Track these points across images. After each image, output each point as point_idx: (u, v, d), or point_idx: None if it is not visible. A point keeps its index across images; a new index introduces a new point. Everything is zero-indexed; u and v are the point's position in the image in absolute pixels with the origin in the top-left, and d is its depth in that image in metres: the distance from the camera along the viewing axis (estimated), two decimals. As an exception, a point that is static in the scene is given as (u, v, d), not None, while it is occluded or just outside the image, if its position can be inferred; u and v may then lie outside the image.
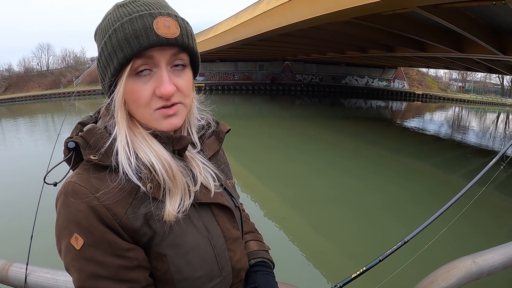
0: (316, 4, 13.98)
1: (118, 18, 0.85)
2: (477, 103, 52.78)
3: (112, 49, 0.84)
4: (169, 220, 0.84)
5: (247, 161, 13.24)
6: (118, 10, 0.87)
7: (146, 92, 0.86)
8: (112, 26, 0.85)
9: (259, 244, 1.21)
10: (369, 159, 15.07)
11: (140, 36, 0.82)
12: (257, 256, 1.16)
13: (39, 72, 55.35)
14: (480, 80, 64.21)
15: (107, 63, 0.86)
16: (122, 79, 0.85)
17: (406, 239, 1.86)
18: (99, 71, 0.92)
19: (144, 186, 0.84)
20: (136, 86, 0.86)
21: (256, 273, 1.10)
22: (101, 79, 0.92)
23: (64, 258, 0.82)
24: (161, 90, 0.85)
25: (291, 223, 8.21)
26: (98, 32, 0.90)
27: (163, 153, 0.88)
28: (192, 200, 0.90)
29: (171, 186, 0.86)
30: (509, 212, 9.42)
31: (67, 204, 0.80)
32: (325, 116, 29.90)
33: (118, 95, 0.87)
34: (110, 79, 0.86)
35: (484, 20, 14.48)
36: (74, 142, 0.86)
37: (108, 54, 0.85)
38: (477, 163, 15.90)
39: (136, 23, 0.83)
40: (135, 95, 0.87)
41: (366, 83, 55.23)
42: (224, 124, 1.13)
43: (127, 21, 0.84)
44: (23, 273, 1.67)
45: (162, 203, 0.85)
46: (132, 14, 0.84)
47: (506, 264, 1.70)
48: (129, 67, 0.84)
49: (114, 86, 0.88)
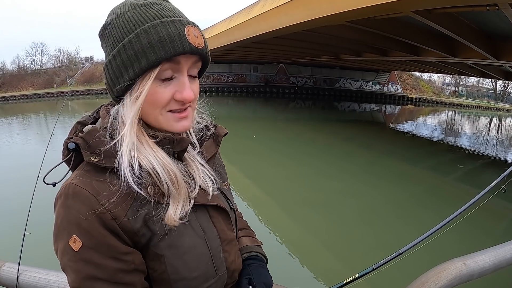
0: (310, 8, 14.03)
1: (144, 18, 0.85)
2: (470, 107, 53.21)
3: (141, 50, 0.84)
4: (170, 225, 0.86)
5: (241, 164, 13.23)
6: (140, 10, 0.87)
7: (166, 95, 0.88)
8: (138, 25, 0.85)
9: (251, 240, 1.24)
10: (362, 162, 15.11)
11: (174, 42, 0.84)
12: (249, 250, 1.19)
13: (33, 71, 54.96)
14: (473, 84, 64.75)
15: (130, 63, 0.85)
16: (148, 81, 0.86)
17: (401, 251, 1.87)
18: (112, 70, 0.88)
19: (145, 190, 0.85)
20: (158, 88, 0.87)
21: (249, 266, 1.13)
22: (113, 79, 0.89)
23: (61, 259, 0.82)
24: (184, 95, 0.89)
25: (283, 226, 8.20)
26: (113, 29, 0.88)
27: (169, 163, 0.88)
28: (191, 206, 0.91)
29: (175, 194, 0.87)
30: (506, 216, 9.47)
31: (67, 205, 0.80)
32: (319, 119, 30.00)
33: (139, 97, 0.86)
34: (132, 79, 0.85)
35: (477, 26, 14.57)
36: (75, 143, 0.86)
37: (134, 54, 0.84)
38: (469, 167, 16.05)
39: (170, 28, 0.85)
40: (155, 97, 0.88)
41: (360, 87, 55.40)
42: (222, 127, 1.14)
43: (159, 24, 0.85)
44: (15, 272, 1.66)
45: (161, 205, 0.86)
46: (162, 17, 0.86)
47: (497, 266, 1.72)
48: (157, 69, 0.85)
49: (127, 88, 0.87)
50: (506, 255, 1.78)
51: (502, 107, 54.04)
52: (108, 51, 0.89)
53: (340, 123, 27.96)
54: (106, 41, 0.90)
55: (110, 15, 0.90)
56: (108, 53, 0.89)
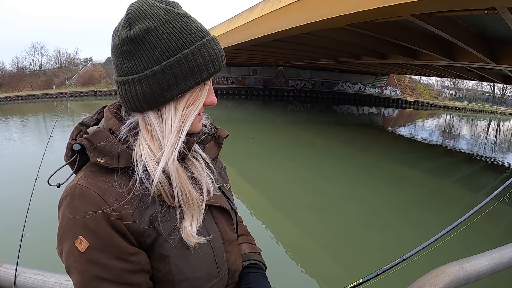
0: (309, 11, 14.03)
1: (197, 32, 0.89)
2: (469, 111, 53.21)
3: (203, 62, 0.88)
4: (190, 241, 0.88)
5: (239, 166, 13.22)
6: (184, 20, 0.88)
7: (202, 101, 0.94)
8: (196, 38, 0.88)
9: (251, 247, 1.24)
10: (361, 165, 15.12)
11: (222, 57, 0.93)
12: (249, 258, 1.19)
13: (32, 71, 54.73)
14: (471, 88, 64.69)
15: (190, 74, 0.87)
16: (204, 91, 0.92)
17: (405, 257, 1.88)
18: (163, 79, 0.85)
19: (155, 193, 0.86)
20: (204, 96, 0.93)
21: (248, 275, 1.13)
22: (161, 87, 0.85)
23: (65, 260, 0.82)
24: (213, 100, 0.96)
25: (283, 229, 8.19)
26: (163, 37, 0.84)
27: (186, 181, 0.90)
28: (203, 215, 0.94)
29: (185, 210, 0.89)
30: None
31: (73, 206, 0.80)
32: (317, 122, 30.03)
33: (195, 106, 0.91)
34: (188, 89, 0.88)
35: (476, 29, 14.61)
36: (80, 144, 0.86)
37: (197, 66, 0.87)
38: (468, 170, 16.08)
39: (217, 44, 0.93)
40: (197, 104, 0.92)
41: (358, 90, 55.41)
42: (223, 129, 1.16)
43: (214, 40, 0.92)
44: (12, 274, 1.67)
45: (168, 206, 0.87)
46: (208, 33, 0.92)
47: (494, 270, 1.72)
48: (210, 80, 0.94)
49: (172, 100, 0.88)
50: (503, 258, 1.78)
51: (501, 111, 54.09)
52: (154, 59, 0.84)
53: (339, 126, 27.96)
54: (147, 48, 0.84)
55: (144, 18, 0.84)
56: (154, 61, 0.84)
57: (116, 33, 0.87)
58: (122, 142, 0.87)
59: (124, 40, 0.84)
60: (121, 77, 0.88)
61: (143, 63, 0.84)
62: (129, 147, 0.87)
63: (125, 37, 0.84)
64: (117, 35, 0.86)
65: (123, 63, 0.86)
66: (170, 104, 0.87)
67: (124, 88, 0.88)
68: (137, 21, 0.84)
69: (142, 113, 0.88)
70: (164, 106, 0.87)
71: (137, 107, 0.87)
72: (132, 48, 0.84)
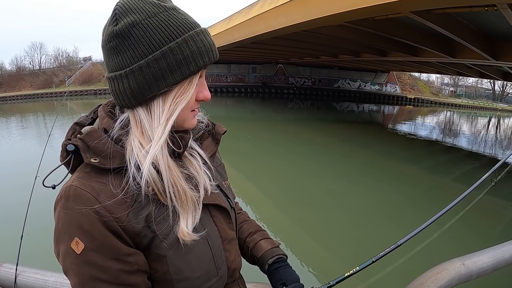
0: (309, 8, 14.03)
1: (184, 24, 0.87)
2: (469, 108, 53.16)
3: (190, 55, 0.85)
4: (186, 239, 0.87)
5: (238, 164, 13.23)
6: (171, 13, 0.86)
7: (194, 96, 0.92)
8: (183, 31, 0.85)
9: (270, 242, 1.29)
10: (361, 162, 15.12)
11: (213, 50, 0.91)
12: (273, 254, 1.25)
13: (31, 71, 54.72)
14: (471, 85, 64.74)
15: (177, 67, 0.84)
16: (192, 85, 0.89)
17: (400, 243, 1.88)
18: (149, 73, 0.83)
19: (148, 191, 0.84)
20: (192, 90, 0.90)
21: (278, 270, 1.21)
22: (148, 82, 0.84)
23: (62, 262, 0.81)
24: (206, 95, 0.94)
25: (284, 225, 8.19)
26: (149, 31, 0.82)
27: (179, 177, 0.89)
28: (200, 212, 0.92)
29: (179, 209, 0.87)
30: (502, 215, 9.49)
31: (68, 208, 0.79)
32: (317, 120, 30.00)
33: (182, 101, 0.88)
34: (175, 83, 0.85)
35: (476, 26, 14.60)
36: (74, 145, 0.84)
37: (183, 59, 0.85)
38: (467, 167, 16.07)
39: (207, 37, 0.90)
40: (185, 96, 0.89)
41: (358, 87, 55.46)
42: (221, 125, 1.15)
43: (203, 32, 0.89)
44: (12, 273, 1.66)
45: (163, 206, 0.86)
46: (197, 25, 0.89)
47: (496, 266, 1.72)
48: (199, 74, 0.90)
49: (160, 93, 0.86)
50: (504, 255, 1.78)
51: (501, 108, 54.04)
52: (139, 53, 0.83)
53: (339, 124, 27.92)
54: (132, 42, 0.82)
55: (129, 13, 0.83)
56: (139, 55, 0.83)
57: (104, 30, 0.86)
58: (115, 141, 0.86)
59: (110, 36, 0.84)
60: (110, 74, 0.87)
61: (129, 58, 0.83)
62: (123, 146, 0.86)
63: (111, 33, 0.83)
64: (105, 31, 0.86)
65: (111, 59, 0.85)
66: (159, 99, 0.85)
67: (113, 84, 0.87)
68: (123, 16, 0.83)
69: (132, 109, 0.87)
70: (152, 101, 0.85)
71: (126, 103, 0.86)
72: (118, 43, 0.83)
